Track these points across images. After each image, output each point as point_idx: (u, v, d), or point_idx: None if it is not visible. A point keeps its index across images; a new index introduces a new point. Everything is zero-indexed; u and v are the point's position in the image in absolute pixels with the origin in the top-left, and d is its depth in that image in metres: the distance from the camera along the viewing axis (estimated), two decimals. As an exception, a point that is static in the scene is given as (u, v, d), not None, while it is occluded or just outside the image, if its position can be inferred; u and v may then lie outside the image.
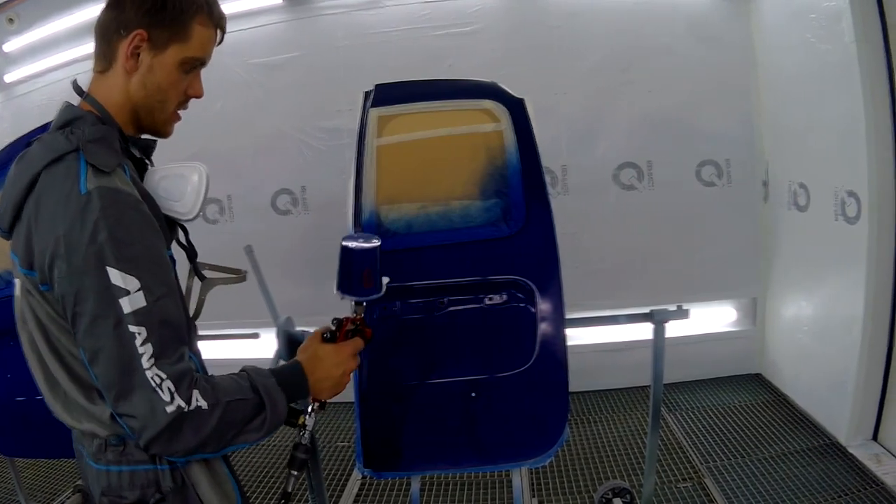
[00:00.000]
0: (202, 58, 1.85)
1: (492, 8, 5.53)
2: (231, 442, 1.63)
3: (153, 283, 1.57)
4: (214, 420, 1.56)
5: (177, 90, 1.82)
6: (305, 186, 5.82)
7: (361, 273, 2.00)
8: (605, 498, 3.80)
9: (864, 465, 4.18)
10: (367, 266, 2.01)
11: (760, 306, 5.71)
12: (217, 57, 1.91)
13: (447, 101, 2.93)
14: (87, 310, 1.53)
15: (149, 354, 1.51)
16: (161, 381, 1.51)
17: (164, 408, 1.49)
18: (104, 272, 1.52)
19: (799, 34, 4.64)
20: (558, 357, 2.73)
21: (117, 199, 1.57)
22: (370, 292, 2.04)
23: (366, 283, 2.02)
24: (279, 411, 1.71)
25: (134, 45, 1.72)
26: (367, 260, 2.02)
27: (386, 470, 2.84)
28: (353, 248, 2.00)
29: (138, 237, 1.59)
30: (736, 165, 5.51)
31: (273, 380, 1.73)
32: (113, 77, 1.77)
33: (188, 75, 1.84)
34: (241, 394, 1.64)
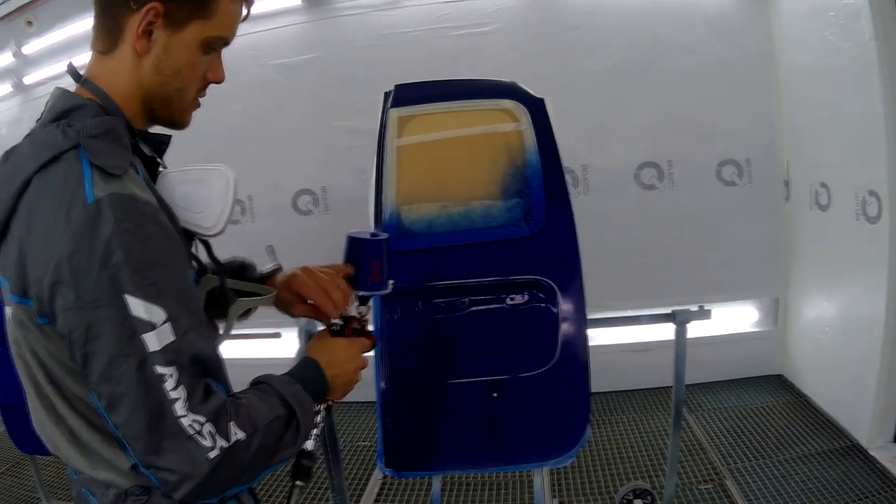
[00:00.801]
0: (227, 37, 1.58)
1: (511, 8, 5.53)
2: (267, 466, 1.44)
3: (181, 312, 1.33)
4: (253, 450, 1.37)
5: (196, 74, 1.55)
6: (326, 187, 5.83)
7: (369, 265, 1.86)
8: (626, 499, 3.79)
9: (885, 468, 4.16)
10: (374, 258, 1.88)
11: (782, 307, 5.68)
12: (237, 58, 1.87)
13: (467, 102, 2.93)
14: (103, 348, 1.27)
15: (183, 399, 1.28)
16: (201, 427, 1.29)
17: (207, 455, 1.29)
18: (122, 302, 1.26)
19: (818, 32, 4.62)
20: (580, 357, 2.73)
21: (134, 210, 1.31)
22: (377, 287, 1.89)
23: (373, 277, 1.87)
24: (312, 419, 1.60)
25: (147, 20, 1.42)
26: (375, 252, 1.88)
27: (407, 470, 2.84)
28: (361, 238, 1.89)
29: (162, 257, 1.33)
30: (757, 165, 5.49)
31: (298, 385, 1.55)
32: (119, 59, 1.48)
33: (208, 57, 1.56)
34: (274, 411, 1.45)
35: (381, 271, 1.89)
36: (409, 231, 2.79)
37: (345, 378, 1.72)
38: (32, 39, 6.17)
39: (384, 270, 1.89)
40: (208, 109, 1.72)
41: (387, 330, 2.72)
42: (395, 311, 2.76)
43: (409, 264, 2.76)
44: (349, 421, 5.47)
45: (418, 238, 2.79)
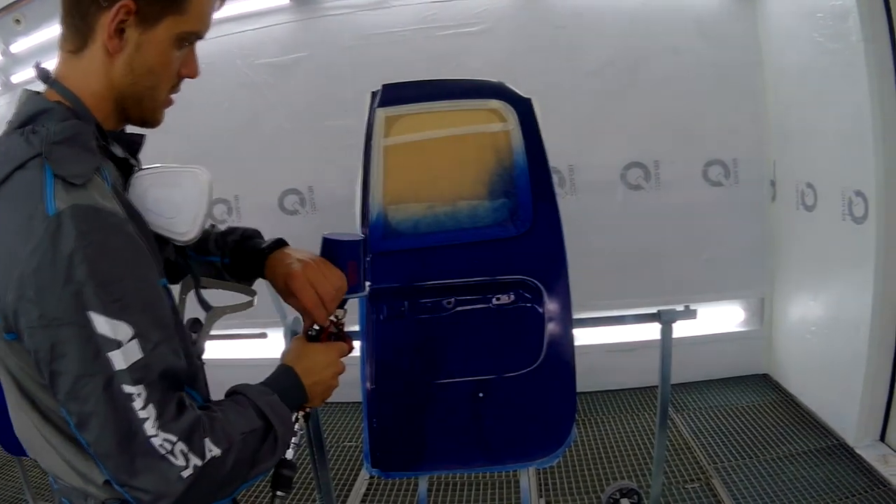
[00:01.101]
0: (201, 31, 1.51)
1: (498, 8, 5.52)
2: (245, 480, 1.40)
3: (149, 327, 1.28)
4: (229, 465, 1.33)
5: (169, 71, 1.50)
6: (313, 186, 5.82)
7: (346, 266, 1.79)
8: (613, 498, 3.80)
9: (871, 466, 4.17)
10: (350, 259, 1.81)
11: (768, 306, 5.70)
12: (224, 57, 1.85)
13: (454, 101, 2.93)
14: (68, 367, 1.23)
15: (153, 417, 1.24)
16: (172, 446, 1.25)
17: (180, 474, 1.25)
18: (86, 320, 1.21)
19: (806, 33, 4.63)
20: (566, 357, 2.73)
21: (98, 221, 1.26)
22: (354, 289, 1.82)
23: (350, 279, 1.80)
24: (290, 429, 1.55)
25: (119, 19, 1.37)
26: (352, 253, 1.82)
27: (394, 470, 2.84)
28: (337, 240, 1.82)
29: (127, 270, 1.28)
30: (743, 165, 5.50)
31: (275, 396, 1.51)
32: (89, 59, 1.42)
33: (181, 52, 1.50)
34: (249, 424, 1.41)
35: (358, 273, 1.83)
36: (395, 231, 2.79)
37: (323, 385, 1.69)
38: (20, 38, 6.13)
39: (361, 272, 1.85)
40: (195, 108, 1.73)
41: (372, 330, 2.72)
42: (381, 311, 2.76)
43: (396, 264, 2.77)
44: (335, 421, 5.47)
45: (405, 238, 2.79)
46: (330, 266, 1.76)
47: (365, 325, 2.75)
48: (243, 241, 1.90)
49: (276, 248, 1.86)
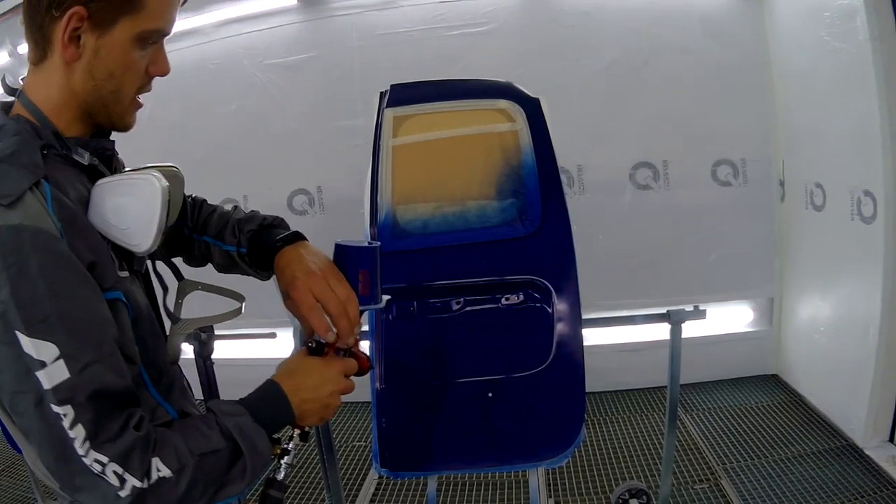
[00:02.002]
0: (163, 28, 1.45)
1: (506, 7, 5.53)
2: (212, 500, 1.36)
3: (77, 347, 1.24)
4: (183, 487, 1.29)
5: (134, 73, 1.45)
6: (322, 187, 5.83)
7: (356, 275, 1.67)
8: (622, 499, 3.80)
9: (880, 468, 4.16)
10: (362, 267, 1.69)
11: (777, 307, 5.68)
12: (232, 58, 1.83)
13: (463, 101, 2.93)
14: (6, 383, 1.25)
15: (82, 438, 1.22)
16: (103, 467, 1.23)
17: (116, 493, 1.23)
18: (14, 338, 1.21)
19: (813, 32, 4.62)
20: (575, 357, 2.73)
21: (19, 241, 1.23)
22: (367, 300, 1.69)
23: (361, 289, 1.67)
24: (263, 453, 1.44)
25: (71, 27, 1.34)
26: (364, 260, 1.70)
27: (403, 470, 2.84)
28: (348, 245, 1.70)
29: (51, 290, 1.23)
30: (752, 165, 5.49)
31: (247, 417, 1.43)
32: (49, 69, 1.41)
33: (146, 51, 1.45)
34: (209, 445, 1.36)
35: (371, 283, 1.70)
36: (404, 231, 2.79)
37: (318, 403, 1.57)
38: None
39: (375, 282, 1.71)
40: (203, 109, 1.71)
41: (382, 330, 2.72)
42: (391, 311, 2.76)
43: (404, 264, 2.76)
44: (344, 421, 5.47)
45: (413, 238, 2.79)
46: (338, 277, 1.64)
47: (374, 325, 2.75)
48: (260, 232, 1.83)
49: (289, 243, 1.75)
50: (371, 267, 1.70)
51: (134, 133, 1.56)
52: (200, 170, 5.84)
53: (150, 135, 5.93)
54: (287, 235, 1.77)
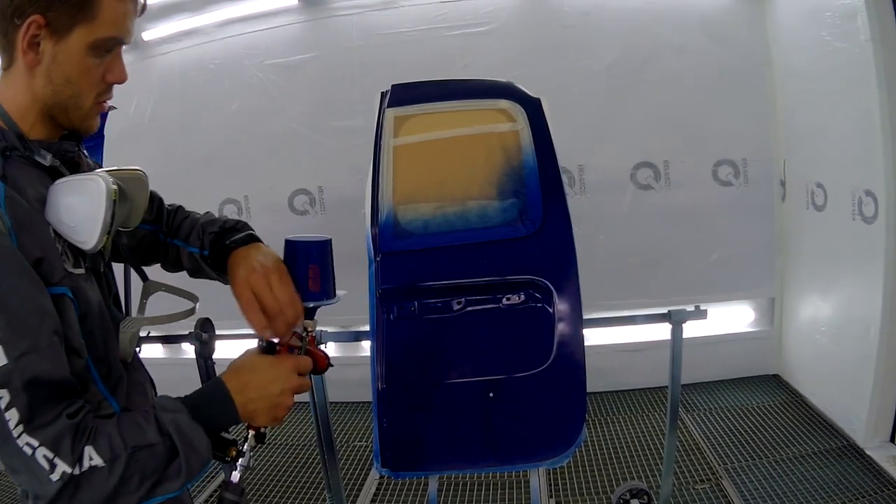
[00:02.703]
0: (119, 36, 1.51)
1: (506, 8, 5.53)
2: (150, 496, 1.38)
3: (14, 336, 1.29)
4: (116, 478, 1.32)
5: (91, 79, 1.52)
6: (322, 187, 5.83)
7: (306, 270, 1.68)
8: (623, 499, 3.80)
9: (881, 468, 4.16)
10: (312, 262, 1.70)
11: (778, 307, 5.69)
12: (232, 58, 1.83)
13: (463, 101, 2.93)
14: None
15: (15, 420, 1.27)
16: (33, 450, 1.28)
17: (48, 477, 1.28)
18: None
19: (814, 33, 4.62)
20: (576, 357, 2.72)
21: None
22: (318, 296, 1.69)
23: (311, 284, 1.68)
24: (199, 451, 1.44)
25: (30, 34, 1.42)
26: (313, 255, 1.71)
27: (404, 470, 2.84)
28: (297, 241, 1.72)
29: None
30: (753, 165, 5.50)
31: (185, 413, 1.45)
32: (15, 73, 1.49)
33: (104, 59, 1.52)
34: (144, 439, 1.38)
35: (323, 278, 1.70)
36: (405, 231, 2.79)
37: (266, 402, 1.55)
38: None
39: (327, 277, 1.71)
40: (204, 109, 1.71)
41: (383, 330, 2.72)
42: (391, 311, 2.76)
43: (406, 264, 2.76)
44: (345, 421, 5.47)
45: (414, 238, 2.78)
46: (281, 276, 1.67)
47: (375, 326, 2.75)
48: (222, 234, 1.87)
49: (243, 244, 1.81)
50: (321, 261, 1.72)
51: (135, 133, 1.60)
52: (201, 169, 5.87)
53: (151, 134, 5.96)
54: (240, 237, 1.83)
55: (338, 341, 3.92)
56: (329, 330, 3.36)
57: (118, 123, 4.52)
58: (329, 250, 1.74)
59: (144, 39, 5.97)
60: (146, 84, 5.98)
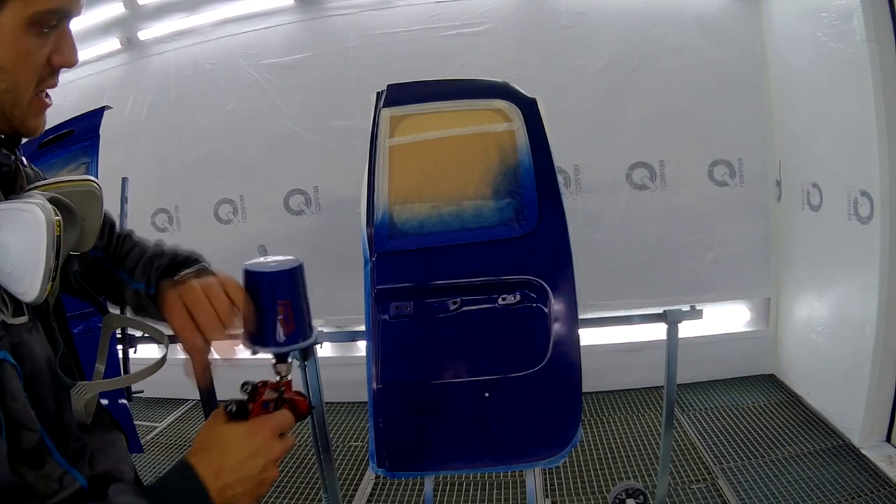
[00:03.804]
0: (63, 6, 1.15)
1: (502, 7, 5.53)
2: None
3: None
4: None
5: (32, 64, 1.15)
6: (318, 186, 5.82)
7: (274, 307, 1.33)
8: (619, 499, 3.80)
9: (877, 467, 4.16)
10: (281, 297, 1.34)
11: (774, 306, 5.69)
12: (228, 57, 1.77)
13: (459, 101, 2.94)
14: None
15: None
16: None
17: None
18: None
19: (810, 33, 4.62)
20: (571, 357, 2.73)
21: None
22: (292, 338, 1.36)
23: (284, 326, 1.34)
24: None
25: None
26: (281, 288, 1.35)
27: (399, 470, 2.84)
28: (260, 271, 1.34)
29: None
30: (748, 165, 5.50)
31: None
32: None
33: (48, 37, 1.15)
34: None
35: (295, 314, 1.36)
36: (400, 231, 2.79)
37: (248, 483, 1.26)
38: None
39: (300, 312, 1.37)
40: (199, 109, 1.64)
41: (378, 330, 2.72)
42: (387, 311, 2.76)
43: (401, 264, 2.76)
44: (341, 421, 5.46)
45: (410, 238, 2.79)
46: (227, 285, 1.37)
47: (371, 326, 2.75)
48: (170, 269, 1.52)
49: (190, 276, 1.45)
50: (293, 294, 1.37)
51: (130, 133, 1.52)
52: (197, 170, 5.87)
53: (147, 135, 5.96)
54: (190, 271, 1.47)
55: (333, 341, 3.92)
56: (324, 330, 3.36)
57: (113, 124, 4.52)
58: (301, 277, 1.38)
59: (140, 39, 5.97)
60: (141, 84, 5.99)
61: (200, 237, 5.83)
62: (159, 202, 6.02)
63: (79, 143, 4.06)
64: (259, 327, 1.34)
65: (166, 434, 5.56)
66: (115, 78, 6.07)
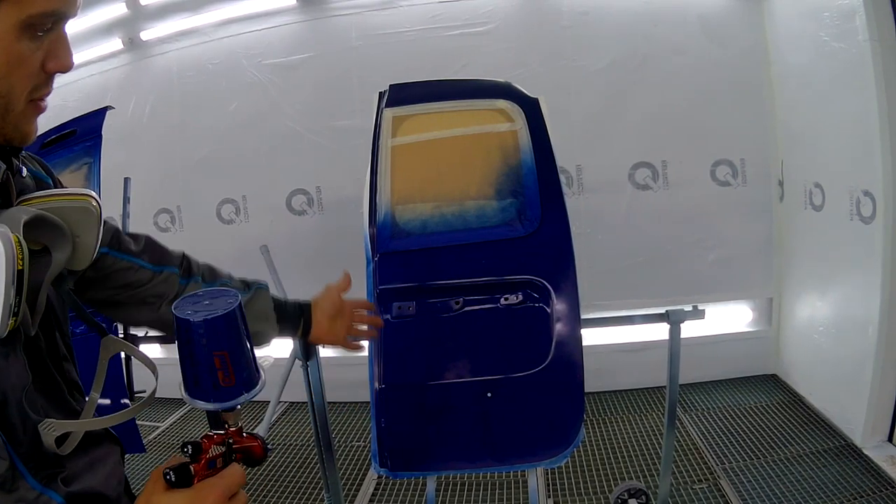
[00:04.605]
0: (58, 9, 1.08)
1: (504, 8, 5.53)
2: None
3: None
4: None
5: (26, 70, 1.09)
6: (321, 187, 5.83)
7: (210, 362, 1.10)
8: (621, 499, 3.80)
9: (879, 467, 4.16)
10: (218, 348, 1.10)
11: (776, 307, 5.68)
12: (230, 57, 1.76)
13: (462, 101, 2.94)
14: None
15: None
16: None
17: None
18: None
19: (812, 33, 4.62)
20: (574, 357, 2.73)
21: None
22: (233, 392, 1.13)
23: (222, 378, 1.11)
24: None
25: None
26: (217, 338, 1.10)
27: (401, 470, 2.84)
28: (189, 319, 1.08)
29: None
30: (751, 165, 5.49)
31: None
32: None
33: (41, 41, 1.09)
34: None
35: (235, 365, 1.13)
36: (403, 231, 2.79)
37: None
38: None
39: (240, 360, 1.14)
40: (201, 109, 1.63)
41: (381, 330, 2.72)
42: (390, 311, 2.76)
43: (404, 264, 2.76)
44: (343, 421, 5.46)
45: (413, 238, 2.79)
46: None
47: (373, 326, 2.75)
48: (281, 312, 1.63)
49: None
50: (231, 342, 1.13)
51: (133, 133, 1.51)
52: (199, 170, 5.88)
53: (149, 135, 5.96)
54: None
55: (335, 341, 3.91)
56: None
57: (115, 124, 4.52)
58: (238, 319, 1.13)
59: (142, 39, 5.98)
60: (144, 84, 6.00)
61: (202, 237, 5.84)
62: (162, 202, 6.03)
63: (81, 143, 4.06)
64: (195, 380, 1.12)
65: (168, 434, 5.57)
66: (117, 78, 6.08)
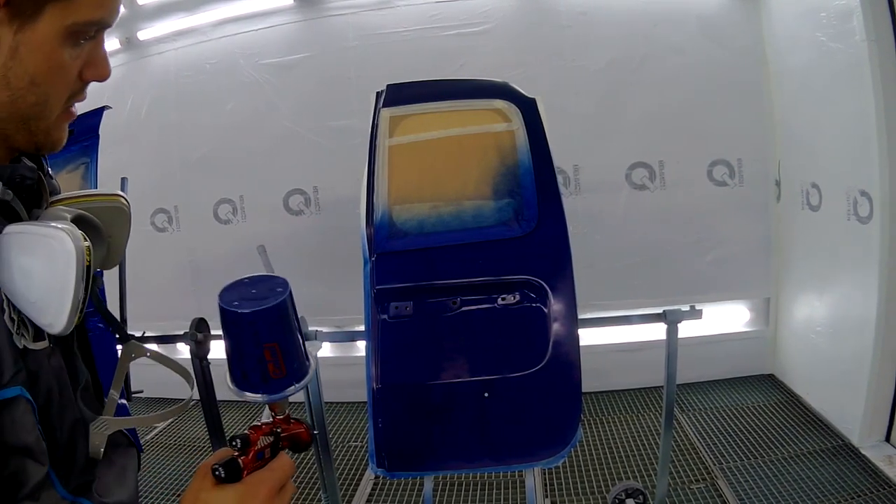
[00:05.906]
0: (103, 18, 1.06)
1: (502, 7, 5.53)
2: None
3: None
4: None
5: (64, 78, 1.07)
6: (318, 186, 5.82)
7: (259, 354, 1.08)
8: (619, 499, 3.79)
9: (876, 467, 4.16)
10: (268, 340, 1.08)
11: (773, 307, 5.68)
12: (227, 57, 1.75)
13: (459, 101, 2.94)
14: None
15: None
16: None
17: None
18: None
19: (809, 33, 4.62)
20: (571, 357, 2.73)
21: None
22: (284, 383, 1.11)
23: (272, 370, 1.09)
24: None
25: None
26: (268, 329, 1.08)
27: (399, 470, 2.84)
28: (237, 311, 1.06)
29: None
30: (748, 165, 5.49)
31: None
32: None
33: (81, 49, 1.07)
34: None
35: (286, 356, 1.11)
36: (400, 231, 2.79)
37: None
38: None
39: (291, 350, 1.12)
40: (198, 109, 1.61)
41: (378, 330, 2.72)
42: (387, 311, 2.76)
43: (401, 264, 2.76)
44: (340, 421, 5.46)
45: (410, 238, 2.79)
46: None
47: (370, 326, 2.74)
48: None
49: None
50: (281, 334, 1.11)
51: (130, 133, 1.50)
52: (196, 169, 5.87)
53: (147, 134, 5.95)
54: None
55: (333, 341, 3.92)
56: (324, 330, 3.36)
57: (112, 124, 4.51)
58: (289, 308, 1.11)
59: (140, 39, 5.98)
60: (141, 84, 5.98)
61: (200, 237, 5.84)
62: (159, 202, 6.02)
63: (78, 143, 4.05)
64: (244, 372, 1.11)
65: (166, 434, 5.56)
66: (114, 78, 5.91)
